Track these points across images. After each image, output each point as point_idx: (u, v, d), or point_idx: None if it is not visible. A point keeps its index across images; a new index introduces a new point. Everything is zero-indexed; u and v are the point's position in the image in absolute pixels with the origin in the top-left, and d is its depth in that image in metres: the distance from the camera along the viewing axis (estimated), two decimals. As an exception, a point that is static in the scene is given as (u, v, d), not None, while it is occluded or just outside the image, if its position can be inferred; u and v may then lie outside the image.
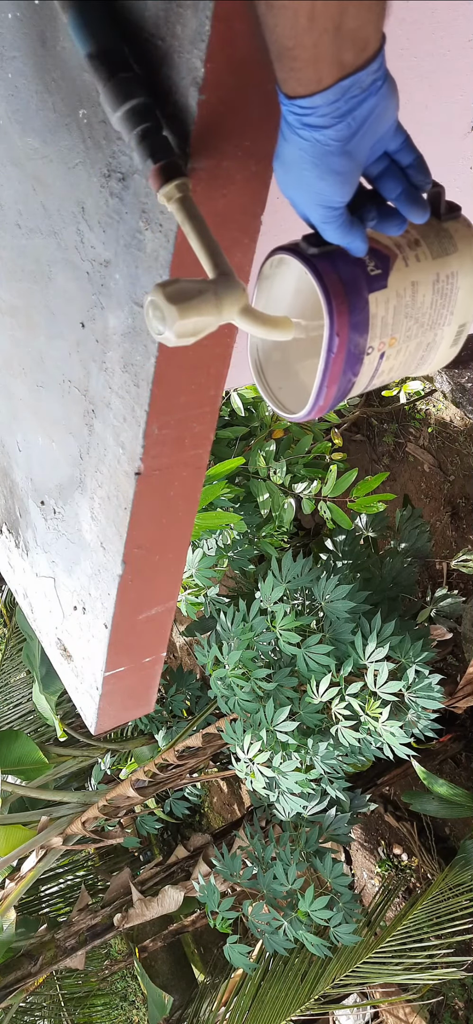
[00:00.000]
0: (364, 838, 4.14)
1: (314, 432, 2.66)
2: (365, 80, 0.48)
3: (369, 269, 0.59)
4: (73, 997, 4.32)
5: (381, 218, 0.59)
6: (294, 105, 0.49)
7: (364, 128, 0.51)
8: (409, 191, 0.58)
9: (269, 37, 0.47)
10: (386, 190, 0.58)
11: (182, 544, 0.87)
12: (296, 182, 0.55)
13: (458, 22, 0.91)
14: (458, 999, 3.63)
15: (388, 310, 0.60)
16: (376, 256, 0.59)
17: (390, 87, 0.51)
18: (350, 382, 0.61)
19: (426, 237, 0.62)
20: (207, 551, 2.43)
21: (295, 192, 0.56)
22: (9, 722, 4.14)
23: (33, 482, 1.01)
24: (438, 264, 0.62)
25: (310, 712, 2.21)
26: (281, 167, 0.55)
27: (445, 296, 0.64)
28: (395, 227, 0.59)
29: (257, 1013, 2.78)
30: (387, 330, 0.61)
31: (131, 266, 0.64)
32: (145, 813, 3.16)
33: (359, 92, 0.48)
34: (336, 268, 0.57)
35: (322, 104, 0.48)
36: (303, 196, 0.55)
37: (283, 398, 0.69)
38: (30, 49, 0.65)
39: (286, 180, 0.55)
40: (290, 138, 0.52)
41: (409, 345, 0.64)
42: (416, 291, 0.61)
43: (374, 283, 0.59)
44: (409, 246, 0.61)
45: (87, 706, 1.07)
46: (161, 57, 0.54)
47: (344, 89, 0.48)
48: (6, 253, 0.85)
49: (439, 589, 2.85)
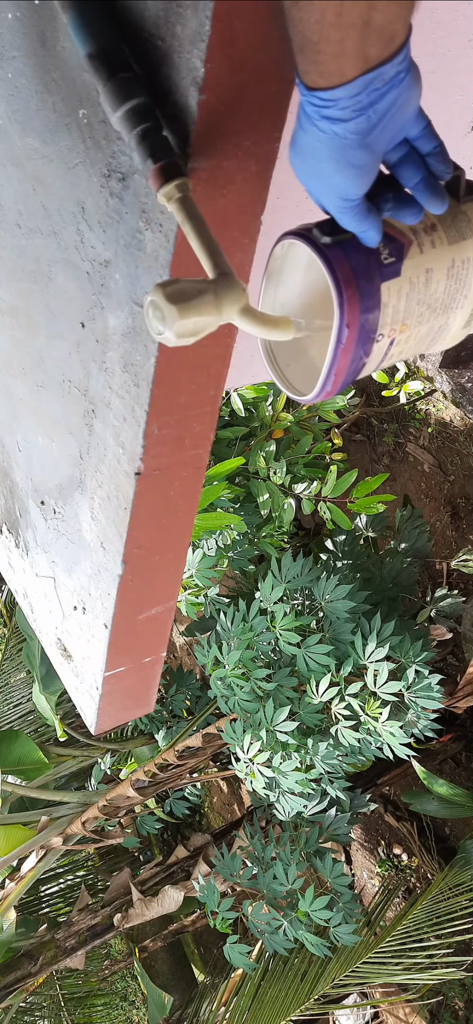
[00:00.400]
0: (364, 838, 4.14)
1: (314, 432, 2.66)
2: (389, 73, 0.47)
3: (383, 257, 0.58)
4: (73, 997, 4.32)
5: (398, 206, 0.57)
6: (314, 96, 0.48)
7: (385, 120, 0.50)
8: (428, 180, 0.57)
9: (292, 28, 0.46)
10: (405, 178, 0.57)
11: (182, 544, 0.87)
12: (313, 172, 0.54)
13: (458, 22, 0.91)
14: (458, 999, 3.63)
15: (400, 298, 0.59)
16: (390, 243, 0.58)
17: (413, 76, 0.50)
18: (359, 367, 0.60)
19: (443, 221, 0.61)
20: (207, 551, 2.43)
21: (311, 181, 0.55)
22: (9, 722, 4.14)
23: (33, 482, 1.01)
24: (454, 249, 0.61)
25: (310, 712, 2.21)
26: (297, 156, 0.54)
27: (459, 281, 0.62)
28: (412, 216, 0.58)
29: (257, 1013, 2.78)
30: (398, 317, 0.60)
31: (131, 266, 0.64)
32: (145, 813, 3.16)
33: (382, 85, 0.47)
34: (348, 258, 0.56)
35: (343, 97, 0.47)
36: (320, 186, 0.54)
37: (291, 376, 0.68)
38: (30, 49, 0.65)
39: (302, 168, 0.54)
40: (308, 128, 0.51)
41: (420, 330, 0.63)
42: (430, 278, 0.60)
43: (387, 272, 0.58)
44: (425, 231, 0.60)
45: (87, 706, 1.07)
46: (161, 57, 0.54)
47: (367, 83, 0.47)
48: (6, 253, 0.85)
49: (439, 589, 2.85)
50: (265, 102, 0.56)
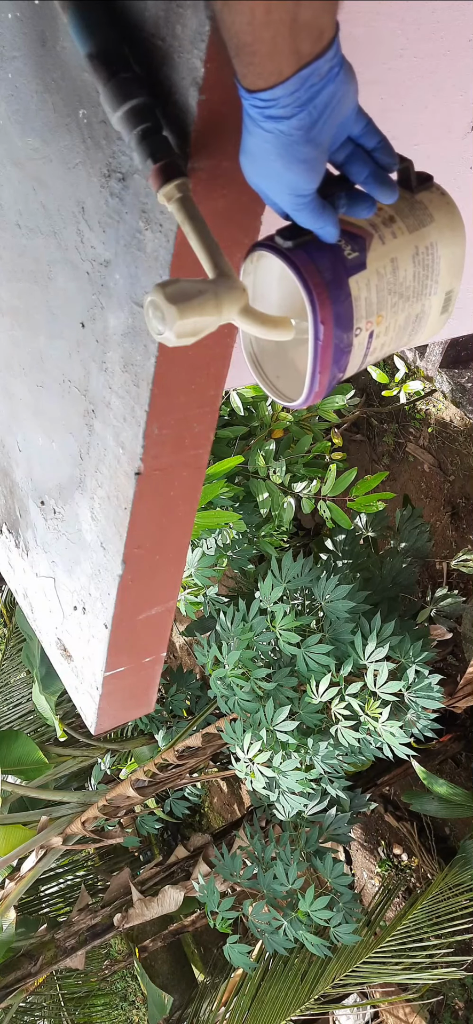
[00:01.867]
0: (364, 838, 4.14)
1: (314, 432, 2.66)
2: (323, 68, 0.49)
3: (346, 253, 0.59)
4: (73, 997, 4.32)
5: (351, 202, 0.59)
6: (255, 99, 0.50)
7: (325, 114, 0.51)
8: (376, 172, 0.58)
9: (226, 34, 0.47)
10: (354, 174, 0.59)
11: (182, 544, 0.87)
12: (263, 173, 0.55)
13: (458, 22, 0.91)
14: (458, 999, 3.63)
15: (370, 290, 0.60)
16: (352, 239, 0.60)
17: (347, 72, 0.52)
18: (343, 365, 0.62)
19: (400, 212, 0.63)
20: (206, 551, 2.43)
21: (263, 182, 0.56)
22: (9, 722, 4.14)
23: (33, 482, 1.01)
24: (415, 237, 0.63)
25: (310, 712, 2.21)
26: (247, 159, 0.55)
27: (427, 267, 0.64)
28: (365, 210, 0.60)
29: (257, 1013, 2.78)
30: (372, 309, 0.61)
31: (131, 266, 0.64)
32: (145, 813, 3.16)
33: (318, 80, 0.49)
34: (313, 258, 0.58)
35: (283, 95, 0.49)
36: (272, 186, 0.56)
37: (282, 387, 0.69)
38: (30, 49, 0.65)
39: (253, 171, 0.56)
40: (253, 131, 0.53)
41: (397, 319, 0.64)
42: (396, 267, 0.62)
43: (352, 266, 0.59)
44: (384, 224, 0.62)
45: (87, 706, 1.07)
46: (161, 57, 0.54)
47: (303, 79, 0.48)
48: (6, 253, 0.85)
49: (439, 589, 2.85)
50: (265, 102, 0.56)
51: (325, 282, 0.57)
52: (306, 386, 0.61)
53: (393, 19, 0.82)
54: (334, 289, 0.58)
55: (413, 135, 1.02)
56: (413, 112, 0.99)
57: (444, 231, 0.64)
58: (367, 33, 0.80)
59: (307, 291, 0.57)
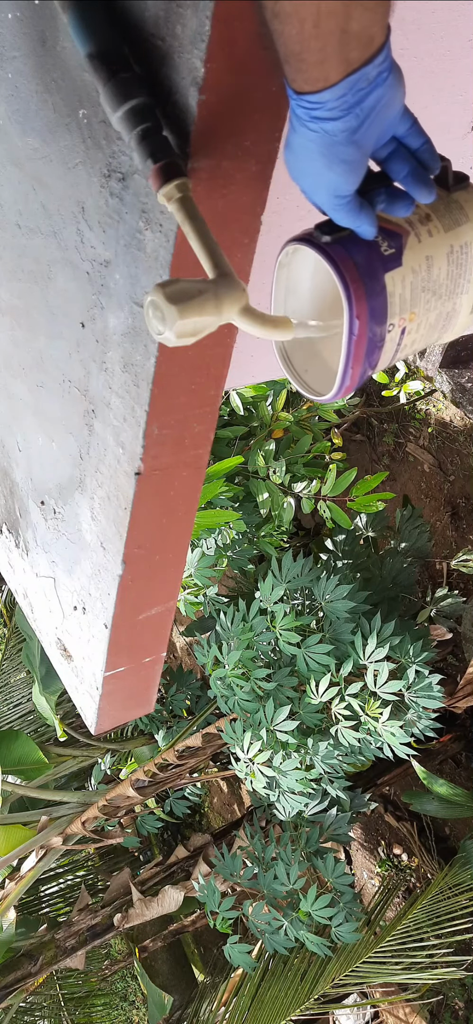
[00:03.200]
0: (364, 838, 4.14)
1: (314, 432, 2.66)
2: (371, 73, 0.49)
3: (383, 249, 0.60)
4: (73, 997, 4.32)
5: (390, 199, 0.60)
6: (303, 100, 0.50)
7: (371, 118, 0.52)
8: (416, 171, 0.59)
9: (276, 41, 0.48)
10: (394, 172, 0.59)
11: (182, 544, 0.87)
12: (305, 171, 0.56)
13: (458, 22, 0.91)
14: (458, 999, 3.63)
15: (405, 287, 0.61)
16: (389, 236, 0.61)
17: (396, 76, 0.52)
18: (374, 360, 0.62)
19: (436, 211, 0.63)
20: (206, 551, 2.43)
21: (305, 180, 0.57)
22: (9, 722, 4.14)
23: (33, 482, 1.01)
24: (451, 236, 0.63)
25: (310, 712, 2.21)
26: (291, 156, 0.56)
27: (460, 266, 0.65)
28: (404, 208, 0.60)
29: (257, 1013, 2.78)
30: (406, 306, 0.62)
31: (131, 266, 0.64)
32: (145, 813, 3.16)
33: (366, 84, 0.49)
34: (350, 253, 0.58)
35: (330, 99, 0.49)
36: (313, 184, 0.56)
37: (310, 380, 0.70)
38: (30, 49, 0.65)
39: (296, 168, 0.56)
40: (299, 130, 0.53)
41: (429, 317, 0.65)
42: (431, 265, 0.62)
43: (389, 262, 0.60)
44: (420, 222, 0.62)
45: (87, 706, 1.07)
46: (161, 57, 0.54)
47: (351, 84, 0.49)
48: (6, 253, 0.85)
49: (439, 589, 2.85)
50: (265, 102, 0.56)
51: (361, 277, 0.58)
52: (338, 380, 0.62)
53: (393, 19, 0.81)
54: (370, 284, 0.58)
55: (413, 135, 1.02)
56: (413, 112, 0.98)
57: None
58: (367, 33, 0.80)
59: (344, 285, 0.57)
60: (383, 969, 2.63)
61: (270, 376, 1.42)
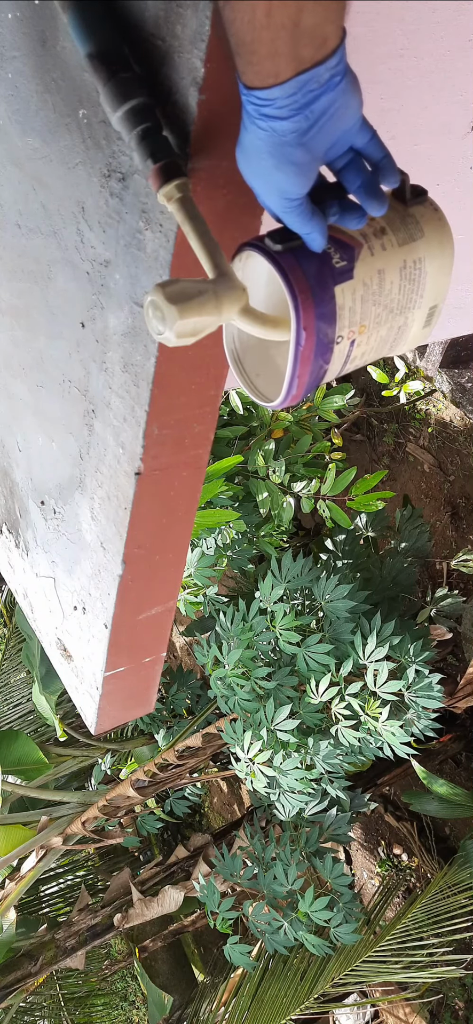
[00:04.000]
0: (364, 838, 4.14)
1: (313, 432, 2.66)
2: (323, 75, 0.48)
3: (334, 261, 0.59)
4: (73, 997, 4.32)
5: (342, 211, 0.59)
6: (253, 96, 0.50)
7: (322, 122, 0.51)
8: (369, 183, 0.58)
9: (228, 30, 0.47)
10: (347, 182, 0.58)
11: (182, 544, 0.87)
12: (255, 171, 0.55)
13: (458, 22, 0.91)
14: (458, 999, 3.63)
15: (355, 300, 0.60)
16: (341, 247, 0.60)
17: (350, 83, 0.51)
18: (322, 370, 0.62)
19: (392, 224, 0.63)
20: (206, 550, 2.43)
21: (255, 180, 0.56)
22: (9, 722, 4.14)
23: (33, 482, 1.01)
24: (404, 251, 0.63)
25: (310, 712, 2.21)
26: (242, 155, 0.55)
27: (413, 281, 0.64)
28: (356, 220, 0.59)
29: (256, 1012, 2.78)
30: (355, 318, 0.61)
31: (131, 266, 0.64)
32: (145, 813, 3.16)
33: (317, 87, 0.49)
34: (300, 263, 0.58)
35: (280, 97, 0.49)
36: (262, 185, 0.56)
37: (261, 385, 0.69)
38: (30, 49, 0.65)
39: (247, 168, 0.56)
40: (249, 127, 0.53)
41: (380, 330, 0.64)
42: (383, 279, 0.62)
43: (340, 275, 0.59)
44: (375, 235, 0.62)
45: (87, 706, 1.07)
46: (161, 57, 0.54)
47: (302, 83, 0.48)
48: (6, 253, 0.85)
49: (439, 589, 2.85)
50: (265, 102, 0.56)
51: (311, 288, 0.57)
52: (284, 389, 0.61)
53: (393, 19, 0.82)
54: (319, 296, 0.58)
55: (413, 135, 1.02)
56: (413, 112, 0.99)
57: (433, 247, 0.64)
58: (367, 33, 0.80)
59: (292, 295, 0.57)
60: (383, 968, 2.63)
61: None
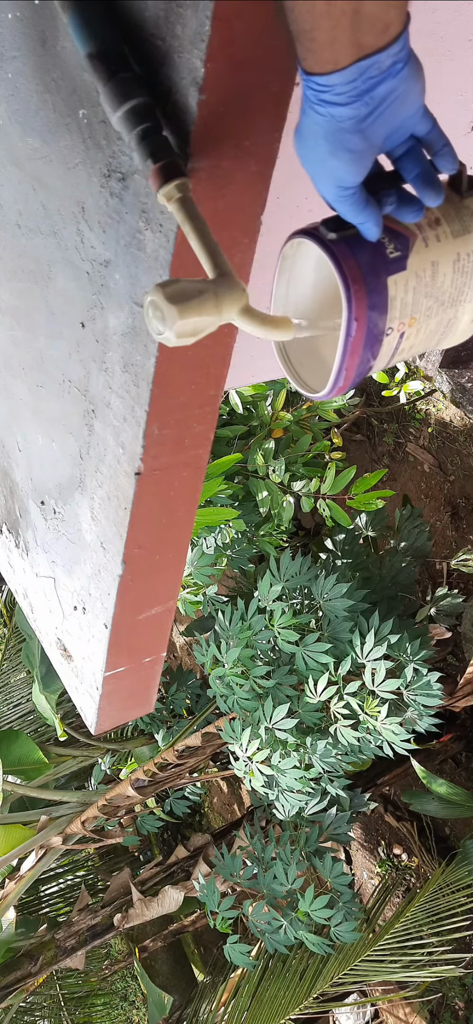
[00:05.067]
0: (364, 838, 4.14)
1: (313, 431, 2.66)
2: (385, 62, 0.48)
3: (388, 252, 0.59)
4: (73, 997, 4.32)
5: (400, 203, 0.58)
6: (312, 81, 0.49)
7: (381, 108, 0.50)
8: (427, 172, 0.57)
9: (288, 17, 0.47)
10: (405, 170, 0.58)
11: (182, 544, 0.87)
12: (311, 157, 0.55)
13: (458, 21, 0.91)
14: (458, 999, 3.63)
15: (407, 291, 0.60)
16: (395, 237, 0.59)
17: (413, 69, 0.50)
18: (369, 362, 0.61)
19: (447, 215, 0.62)
20: (206, 549, 2.43)
21: (311, 166, 0.56)
22: (9, 722, 4.14)
23: (33, 482, 1.01)
24: (459, 243, 0.62)
25: (309, 711, 2.21)
26: (300, 140, 0.55)
27: (466, 274, 0.63)
28: (413, 214, 0.59)
29: (256, 1012, 2.78)
30: (407, 311, 0.61)
31: (131, 266, 0.64)
32: (145, 812, 3.16)
33: (377, 73, 0.48)
34: (354, 253, 0.57)
35: (339, 83, 0.48)
36: (318, 171, 0.55)
37: (305, 375, 0.69)
38: (30, 49, 0.65)
39: (303, 152, 0.56)
40: (308, 112, 0.52)
41: (429, 323, 0.64)
42: (436, 271, 0.61)
43: (393, 265, 0.59)
44: (429, 226, 0.61)
45: (87, 706, 1.07)
46: (161, 57, 0.54)
47: (362, 70, 0.47)
48: (6, 253, 0.85)
49: (439, 589, 2.85)
50: (265, 102, 0.56)
51: (364, 279, 0.57)
52: (331, 379, 0.61)
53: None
54: (371, 286, 0.57)
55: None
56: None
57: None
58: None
59: (345, 285, 0.56)
60: (382, 968, 2.63)
61: (270, 376, 1.42)
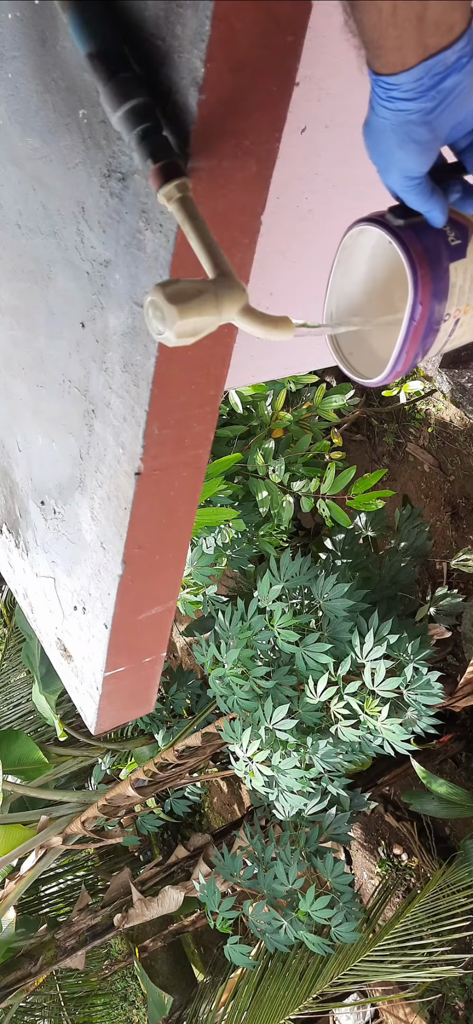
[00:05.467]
0: (364, 838, 4.14)
1: (313, 431, 2.65)
2: (450, 58, 0.50)
3: (450, 239, 0.61)
4: (73, 997, 4.32)
5: (465, 194, 0.61)
6: (381, 80, 0.52)
7: (447, 101, 0.52)
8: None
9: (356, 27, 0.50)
10: (468, 162, 0.59)
11: (182, 544, 0.87)
12: (379, 149, 0.57)
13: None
14: (458, 999, 3.63)
15: (466, 279, 0.62)
16: (456, 226, 0.62)
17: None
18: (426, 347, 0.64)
19: None
20: (205, 549, 2.43)
21: (379, 159, 0.58)
22: (9, 722, 4.14)
23: (33, 482, 1.01)
24: None
25: (309, 711, 2.21)
26: (368, 133, 0.57)
27: None
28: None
29: (255, 1012, 2.78)
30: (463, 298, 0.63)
31: (131, 266, 0.64)
32: (145, 812, 3.16)
33: (443, 68, 0.50)
34: (420, 239, 0.60)
35: (406, 81, 0.50)
36: (385, 163, 0.58)
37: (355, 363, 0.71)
38: (30, 49, 0.65)
39: (371, 145, 0.58)
40: (376, 107, 0.54)
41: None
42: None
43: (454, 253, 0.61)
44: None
45: (87, 706, 1.07)
46: (161, 57, 0.54)
47: (428, 68, 0.50)
48: (6, 253, 0.85)
49: (439, 588, 2.85)
50: (265, 102, 0.56)
51: (429, 263, 0.59)
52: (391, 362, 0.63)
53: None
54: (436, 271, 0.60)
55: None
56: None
57: None
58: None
59: (412, 269, 0.58)
60: (381, 968, 2.63)
61: (270, 376, 1.42)
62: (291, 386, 2.71)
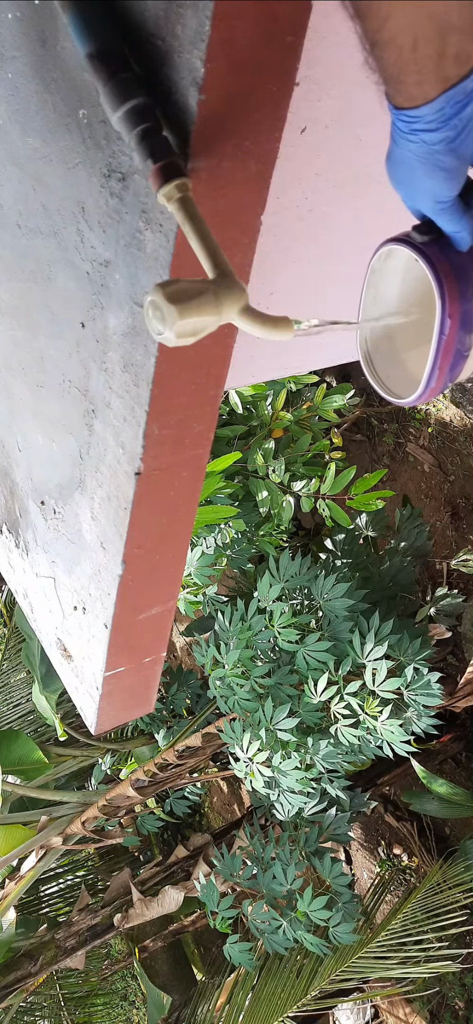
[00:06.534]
0: (364, 838, 4.14)
1: (313, 431, 2.66)
2: (470, 85, 0.51)
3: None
4: (73, 997, 4.32)
5: None
6: (403, 115, 0.53)
7: (470, 126, 0.53)
8: None
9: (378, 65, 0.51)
10: None
11: (182, 544, 0.87)
12: (406, 180, 0.58)
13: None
14: (458, 999, 3.63)
15: None
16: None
17: None
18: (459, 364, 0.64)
19: None
20: (206, 549, 2.43)
21: (405, 189, 0.59)
22: (9, 722, 4.14)
23: (33, 482, 1.01)
24: None
25: (309, 711, 2.21)
26: (392, 166, 0.58)
27: None
28: None
29: (254, 1010, 2.78)
30: None
31: (131, 266, 0.64)
32: (145, 813, 3.16)
33: (463, 96, 0.51)
34: (446, 255, 0.60)
35: (428, 113, 0.52)
36: (413, 192, 0.59)
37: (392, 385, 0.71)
38: (30, 49, 0.65)
39: (397, 177, 0.59)
40: (399, 141, 0.55)
41: None
42: None
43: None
44: None
45: (87, 706, 1.07)
46: (161, 57, 0.54)
47: (449, 98, 0.51)
48: (6, 253, 0.85)
49: (439, 588, 2.85)
50: (265, 102, 0.56)
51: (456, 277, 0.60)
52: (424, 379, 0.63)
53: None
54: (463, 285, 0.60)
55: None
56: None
57: None
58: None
59: (438, 284, 0.59)
60: (380, 964, 2.63)
61: (270, 376, 1.42)
62: (291, 386, 2.71)
